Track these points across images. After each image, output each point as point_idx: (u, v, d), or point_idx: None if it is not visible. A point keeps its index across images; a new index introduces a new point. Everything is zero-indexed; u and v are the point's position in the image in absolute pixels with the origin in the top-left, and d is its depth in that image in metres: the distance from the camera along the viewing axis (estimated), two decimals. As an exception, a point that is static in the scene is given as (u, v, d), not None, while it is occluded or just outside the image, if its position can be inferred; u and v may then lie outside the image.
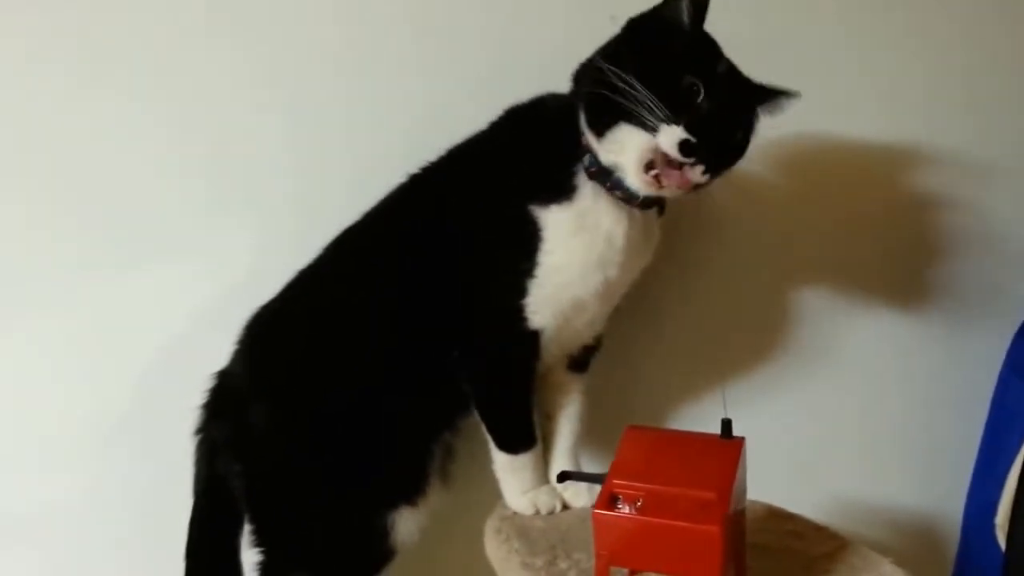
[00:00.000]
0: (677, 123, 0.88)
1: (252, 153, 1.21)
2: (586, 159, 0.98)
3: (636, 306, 1.18)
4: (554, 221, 0.98)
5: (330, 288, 1.10)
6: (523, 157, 1.02)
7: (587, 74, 0.98)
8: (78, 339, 1.22)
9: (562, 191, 0.98)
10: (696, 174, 0.90)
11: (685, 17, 0.92)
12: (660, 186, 0.92)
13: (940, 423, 1.38)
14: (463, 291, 1.03)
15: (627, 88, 0.89)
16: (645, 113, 0.88)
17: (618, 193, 0.97)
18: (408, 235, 1.07)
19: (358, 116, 1.22)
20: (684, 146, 0.88)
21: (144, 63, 1.17)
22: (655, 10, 0.95)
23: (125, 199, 1.20)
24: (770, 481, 0.99)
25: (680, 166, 0.90)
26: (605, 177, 0.97)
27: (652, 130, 0.89)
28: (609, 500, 0.81)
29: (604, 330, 1.12)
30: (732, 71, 0.93)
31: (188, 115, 1.19)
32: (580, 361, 1.14)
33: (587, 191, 0.98)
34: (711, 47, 0.94)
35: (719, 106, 0.89)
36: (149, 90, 1.18)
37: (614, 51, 0.95)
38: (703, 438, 0.88)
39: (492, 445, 1.09)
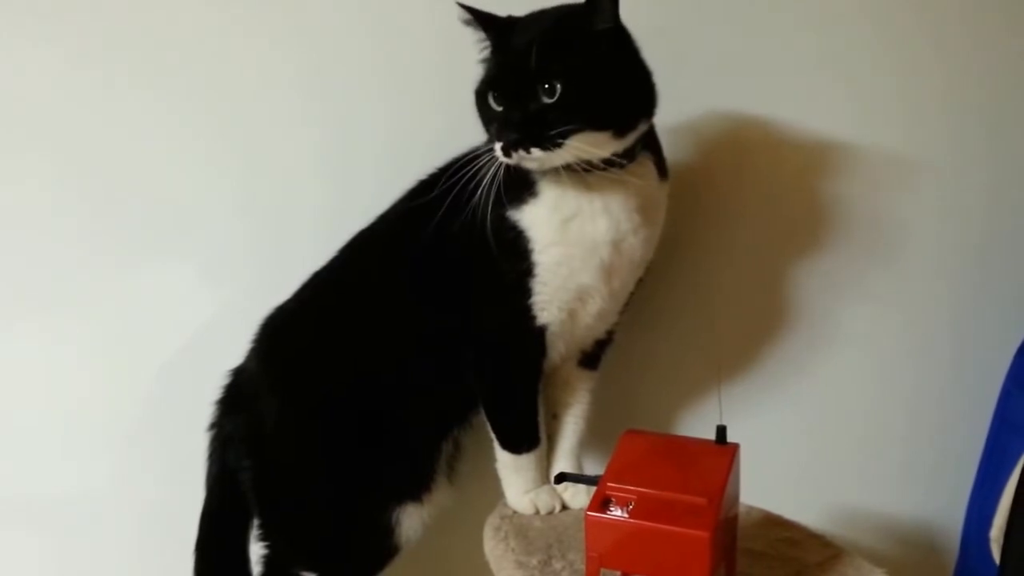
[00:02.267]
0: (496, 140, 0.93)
1: (276, 157, 1.24)
2: None
3: (640, 310, 1.19)
4: (532, 219, 1.00)
5: (342, 290, 1.13)
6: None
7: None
8: (99, 336, 1.26)
9: (526, 191, 1.00)
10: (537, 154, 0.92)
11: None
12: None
13: (941, 436, 1.37)
14: (469, 294, 1.05)
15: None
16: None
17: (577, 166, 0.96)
18: (414, 242, 1.08)
19: (384, 122, 1.24)
20: (505, 150, 0.92)
21: (182, 70, 1.21)
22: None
23: (151, 200, 1.24)
24: (770, 488, 1.01)
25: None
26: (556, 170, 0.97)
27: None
28: (602, 503, 0.83)
29: (616, 326, 1.13)
30: (500, 65, 0.96)
31: (214, 117, 1.23)
32: (592, 356, 1.15)
33: (548, 186, 0.99)
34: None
35: (507, 100, 0.93)
36: (179, 93, 1.21)
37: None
38: (698, 443, 0.89)
39: (496, 444, 1.11)
